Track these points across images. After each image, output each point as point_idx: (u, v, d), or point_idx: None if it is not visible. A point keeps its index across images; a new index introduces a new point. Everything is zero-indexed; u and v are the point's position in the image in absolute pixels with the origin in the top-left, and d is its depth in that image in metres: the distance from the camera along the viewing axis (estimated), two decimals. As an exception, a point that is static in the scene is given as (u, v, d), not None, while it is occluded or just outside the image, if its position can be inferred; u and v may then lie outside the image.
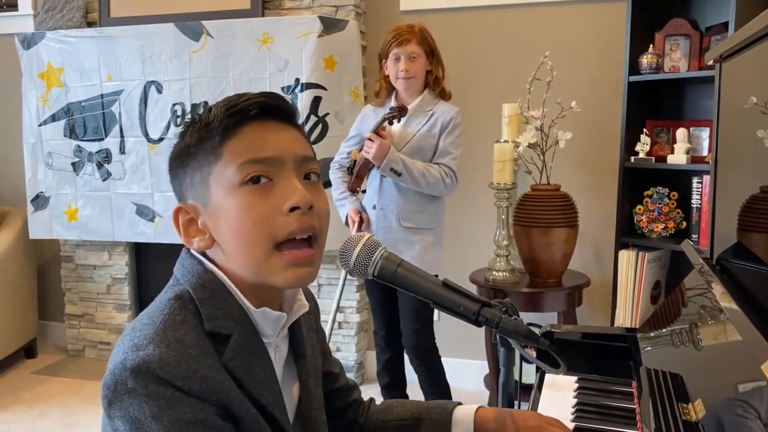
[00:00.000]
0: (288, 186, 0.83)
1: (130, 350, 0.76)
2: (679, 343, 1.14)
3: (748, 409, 0.78)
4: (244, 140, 0.83)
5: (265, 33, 2.98)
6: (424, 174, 2.32)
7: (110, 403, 0.76)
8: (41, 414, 2.96)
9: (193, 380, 0.76)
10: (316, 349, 1.01)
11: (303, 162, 0.86)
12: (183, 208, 0.87)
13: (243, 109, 0.83)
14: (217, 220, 0.84)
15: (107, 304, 3.58)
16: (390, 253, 0.96)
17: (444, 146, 2.38)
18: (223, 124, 0.83)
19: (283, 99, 0.88)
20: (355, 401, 1.13)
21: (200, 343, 0.80)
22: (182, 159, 0.87)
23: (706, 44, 2.55)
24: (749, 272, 1.09)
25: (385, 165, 2.30)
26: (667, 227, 2.57)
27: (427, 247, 2.42)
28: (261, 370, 0.85)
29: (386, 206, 2.40)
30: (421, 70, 2.39)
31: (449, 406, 1.08)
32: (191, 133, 0.86)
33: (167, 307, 0.82)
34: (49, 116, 3.37)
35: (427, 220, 2.41)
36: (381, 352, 2.59)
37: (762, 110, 1.03)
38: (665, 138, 2.71)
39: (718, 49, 1.29)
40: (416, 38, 2.36)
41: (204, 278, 0.85)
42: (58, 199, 3.41)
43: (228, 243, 0.84)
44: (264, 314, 0.86)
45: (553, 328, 1.43)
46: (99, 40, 3.22)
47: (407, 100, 2.42)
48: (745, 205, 1.12)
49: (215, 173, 0.83)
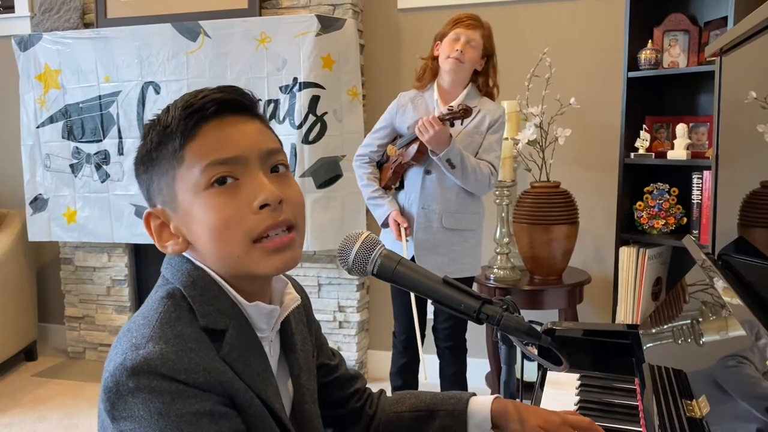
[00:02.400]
0: (254, 183, 0.81)
1: (129, 350, 0.76)
2: (682, 340, 1.13)
3: (753, 405, 0.77)
4: (205, 141, 0.81)
5: (262, 32, 2.98)
6: (475, 169, 2.20)
7: (113, 405, 0.75)
8: (41, 417, 2.96)
9: (197, 372, 0.76)
10: (307, 342, 1.00)
11: (268, 155, 0.84)
12: (153, 213, 0.86)
13: (200, 108, 0.81)
14: (188, 224, 0.83)
15: (107, 306, 3.58)
16: (389, 251, 0.95)
17: (489, 143, 2.28)
18: (182, 126, 0.81)
19: (241, 92, 0.85)
20: (358, 390, 1.11)
21: (199, 337, 0.79)
22: (146, 164, 0.85)
23: (705, 39, 2.55)
24: (751, 267, 1.09)
25: (444, 154, 2.15)
26: (668, 223, 2.57)
27: (467, 249, 2.32)
28: (257, 364, 0.84)
29: (429, 206, 2.28)
30: (473, 61, 2.26)
31: (464, 397, 1.06)
32: (152, 136, 0.84)
33: (161, 305, 0.81)
34: (46, 118, 3.36)
35: (468, 221, 2.31)
36: (397, 355, 2.50)
37: (762, 105, 1.02)
38: (665, 134, 2.70)
39: (718, 43, 1.28)
40: (483, 31, 2.27)
41: (194, 275, 0.84)
42: (57, 201, 3.40)
43: (203, 244, 0.83)
44: (257, 308, 0.86)
45: (555, 325, 1.42)
46: (96, 41, 3.22)
47: (449, 92, 2.30)
48: (746, 199, 1.12)
49: (180, 177, 0.82)
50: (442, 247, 2.29)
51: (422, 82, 2.36)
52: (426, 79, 2.35)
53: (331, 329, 3.19)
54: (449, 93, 2.31)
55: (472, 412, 1.04)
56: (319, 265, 3.17)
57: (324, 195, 3.01)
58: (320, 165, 2.99)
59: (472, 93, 2.31)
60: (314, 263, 3.18)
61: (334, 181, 3.01)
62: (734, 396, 0.84)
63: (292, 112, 2.97)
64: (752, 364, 0.82)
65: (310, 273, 3.19)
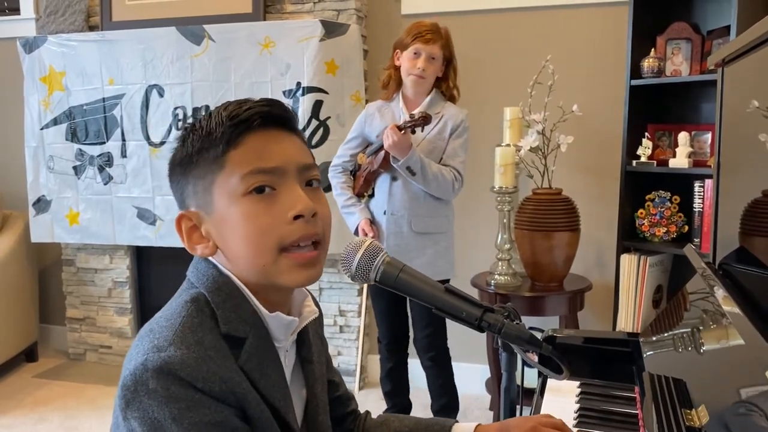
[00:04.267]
0: (291, 195, 0.84)
1: (150, 351, 0.77)
2: (682, 348, 1.13)
3: (753, 415, 0.77)
4: (248, 150, 0.83)
5: (266, 37, 2.99)
6: (437, 176, 2.27)
7: (128, 403, 0.76)
8: (42, 418, 2.96)
9: (213, 382, 0.76)
10: (321, 355, 1.02)
11: (305, 170, 0.87)
12: (186, 215, 0.87)
13: (246, 119, 0.83)
14: (221, 229, 0.85)
15: (108, 308, 3.58)
16: (392, 258, 0.95)
17: (453, 148, 2.35)
18: (227, 134, 0.83)
19: (285, 107, 0.88)
20: (354, 411, 1.14)
21: (218, 345, 0.80)
22: (184, 167, 0.87)
23: (708, 48, 2.55)
24: (752, 276, 1.09)
25: (404, 162, 2.22)
26: (669, 231, 2.57)
27: (440, 252, 2.38)
28: (273, 374, 0.85)
29: (397, 211, 2.35)
30: (435, 74, 2.36)
31: (447, 424, 1.07)
32: (193, 140, 0.85)
33: (184, 309, 0.82)
34: (50, 120, 3.37)
35: (438, 225, 2.38)
36: (384, 360, 2.56)
37: (764, 114, 1.03)
38: (667, 142, 2.70)
39: (721, 53, 1.29)
40: (441, 41, 2.33)
41: (219, 282, 0.85)
42: (60, 203, 3.41)
43: (233, 250, 0.85)
44: (277, 318, 0.87)
45: (555, 332, 1.42)
46: (101, 44, 3.23)
47: (414, 99, 2.39)
48: (747, 209, 1.12)
49: (218, 182, 0.84)
50: (413, 252, 2.33)
51: (388, 91, 2.43)
52: (391, 89, 2.43)
53: (331, 333, 3.19)
54: (413, 102, 2.39)
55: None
56: (320, 269, 3.17)
57: (326, 200, 3.00)
58: (323, 170, 2.99)
59: (435, 99, 2.38)
60: (316, 267, 3.17)
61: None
62: (733, 406, 0.84)
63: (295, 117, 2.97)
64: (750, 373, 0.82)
65: (311, 277, 3.19)
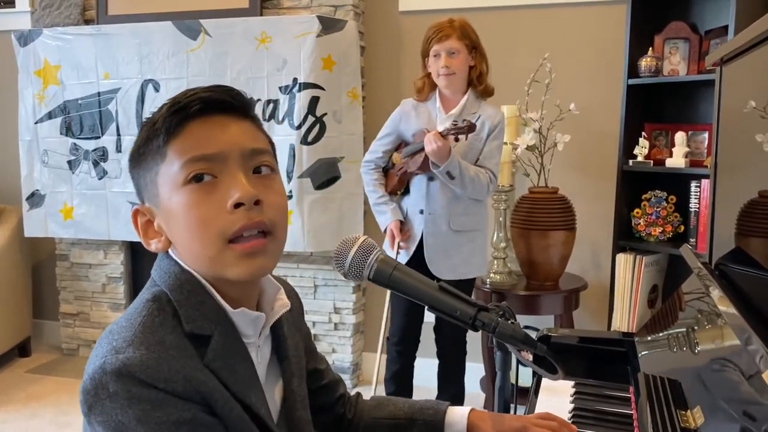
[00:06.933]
0: (231, 182, 0.80)
1: (109, 354, 0.75)
2: (677, 348, 1.13)
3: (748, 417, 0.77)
4: (187, 139, 0.81)
5: (263, 32, 2.97)
6: (473, 179, 2.27)
7: (90, 408, 0.74)
8: (34, 413, 2.94)
9: (176, 381, 0.74)
10: (299, 348, 0.99)
11: (251, 155, 0.83)
12: (140, 210, 0.86)
13: (185, 106, 0.81)
14: (167, 221, 0.83)
15: (102, 303, 3.57)
16: (386, 256, 0.95)
17: (490, 150, 2.34)
18: (167, 123, 0.81)
19: (230, 91, 0.84)
20: (342, 395, 1.13)
21: (181, 344, 0.78)
22: (135, 160, 0.86)
23: (706, 48, 2.55)
24: (748, 277, 1.08)
25: (444, 167, 2.21)
26: (665, 231, 2.56)
27: (476, 249, 2.39)
28: (243, 371, 0.83)
29: (435, 211, 2.34)
30: (462, 66, 2.32)
31: (441, 407, 1.08)
32: (142, 133, 0.84)
33: (145, 308, 0.80)
34: (45, 114, 3.35)
35: (474, 222, 2.38)
36: (391, 361, 2.51)
37: (761, 114, 1.02)
38: (664, 141, 2.70)
39: (719, 53, 1.28)
40: (456, 33, 2.30)
41: (181, 279, 0.83)
42: (54, 197, 3.39)
43: (180, 242, 0.83)
44: (243, 314, 0.85)
45: (550, 331, 1.42)
46: (96, 38, 3.21)
47: (450, 99, 2.37)
48: (744, 209, 1.12)
49: (162, 173, 0.82)
50: (452, 250, 2.34)
51: (422, 94, 2.42)
52: (426, 92, 2.42)
53: (326, 331, 3.19)
54: (450, 100, 2.38)
55: (450, 422, 1.06)
56: (315, 266, 3.17)
57: (322, 196, 3.00)
58: (318, 166, 2.98)
59: (471, 100, 2.36)
60: (311, 264, 3.17)
61: (332, 183, 3.01)
62: (729, 408, 0.84)
63: (292, 113, 2.96)
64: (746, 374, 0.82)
65: (306, 274, 3.18)
